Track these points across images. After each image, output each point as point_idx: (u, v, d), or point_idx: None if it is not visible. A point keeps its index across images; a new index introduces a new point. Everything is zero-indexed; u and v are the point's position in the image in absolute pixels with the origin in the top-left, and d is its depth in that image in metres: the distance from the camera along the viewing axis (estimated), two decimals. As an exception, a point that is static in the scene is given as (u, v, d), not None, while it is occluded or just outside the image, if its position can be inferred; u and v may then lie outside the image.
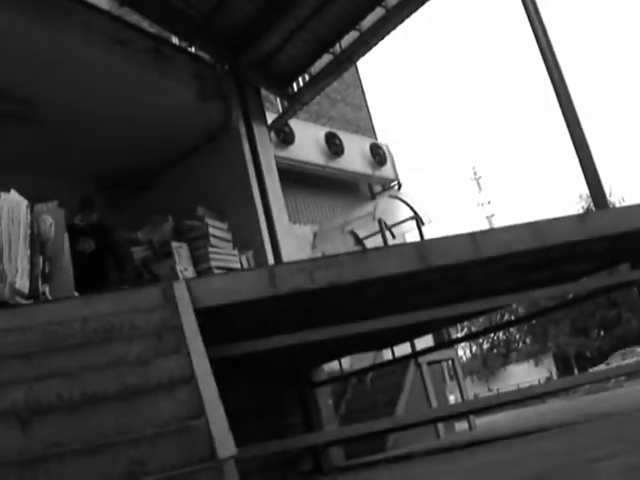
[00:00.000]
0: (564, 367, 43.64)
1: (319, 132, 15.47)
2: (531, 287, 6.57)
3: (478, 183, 63.21)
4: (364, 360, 12.59)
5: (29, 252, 5.65)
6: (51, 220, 5.98)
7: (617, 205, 33.35)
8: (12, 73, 8.19)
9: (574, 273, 7.27)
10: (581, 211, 36.28)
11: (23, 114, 8.96)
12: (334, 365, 12.29)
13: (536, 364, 46.78)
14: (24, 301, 5.49)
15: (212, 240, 9.72)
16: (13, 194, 5.78)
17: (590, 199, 7.02)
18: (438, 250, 4.74)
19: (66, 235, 6.33)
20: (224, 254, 9.76)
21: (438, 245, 4.82)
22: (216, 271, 9.39)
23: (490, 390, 45.49)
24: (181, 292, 4.27)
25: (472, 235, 4.83)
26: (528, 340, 48.60)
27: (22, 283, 5.49)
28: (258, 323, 5.35)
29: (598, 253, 6.12)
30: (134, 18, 10.35)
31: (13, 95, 8.62)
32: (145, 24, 10.70)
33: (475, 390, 42.71)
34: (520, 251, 4.93)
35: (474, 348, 50.87)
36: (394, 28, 10.34)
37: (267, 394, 8.47)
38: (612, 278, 7.25)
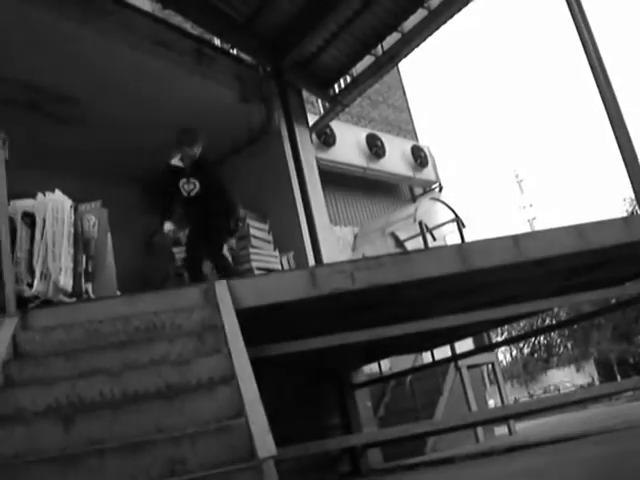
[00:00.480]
0: (606, 373, 43.02)
1: (360, 134, 15.46)
2: (573, 291, 6.49)
3: (520, 186, 62.75)
4: (404, 362, 12.54)
5: (72, 251, 5.73)
6: (95, 219, 6.05)
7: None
8: (59, 75, 8.32)
9: (617, 277, 7.17)
10: (625, 214, 35.73)
11: (69, 115, 9.08)
12: (373, 367, 12.27)
13: (577, 369, 46.21)
14: (67, 299, 5.56)
15: (253, 241, 9.77)
16: (57, 194, 5.86)
17: (635, 202, 6.92)
18: (480, 252, 4.70)
19: (109, 235, 6.40)
20: (265, 255, 9.81)
21: (480, 247, 4.78)
22: (257, 272, 9.43)
23: (531, 395, 45.08)
24: (222, 292, 4.29)
25: (514, 237, 4.79)
26: (569, 345, 47.98)
27: (66, 281, 5.56)
28: (298, 324, 5.35)
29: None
30: (177, 20, 10.44)
31: (61, 96, 8.74)
32: (187, 26, 10.80)
33: (515, 395, 42.35)
34: (563, 254, 4.87)
35: (514, 352, 50.35)
36: (437, 29, 10.30)
37: (307, 395, 8.48)
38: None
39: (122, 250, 10.18)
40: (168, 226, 7.02)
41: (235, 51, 11.17)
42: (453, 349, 11.54)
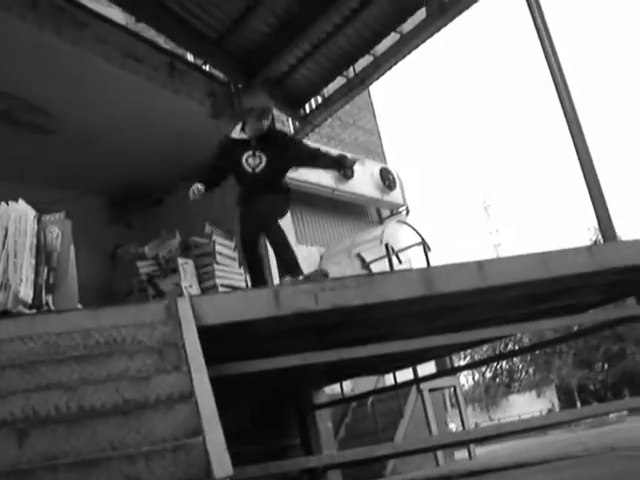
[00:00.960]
0: (566, 399, 43.34)
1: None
2: (537, 317, 6.53)
3: (486, 211, 63.17)
4: (366, 384, 12.54)
5: (34, 262, 5.65)
6: (58, 231, 5.98)
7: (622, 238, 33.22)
8: (30, 84, 8.27)
9: (580, 305, 7.24)
10: (589, 243, 36.15)
11: (38, 124, 9.02)
12: (335, 387, 12.24)
13: (538, 395, 46.49)
14: (27, 311, 5.48)
15: (218, 258, 9.71)
16: (20, 204, 5.79)
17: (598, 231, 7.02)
18: (444, 277, 4.71)
19: (72, 247, 6.32)
20: (230, 272, 9.75)
21: (444, 272, 4.79)
22: (221, 289, 9.37)
23: (491, 419, 45.24)
24: (184, 309, 4.26)
25: (479, 263, 4.81)
26: (531, 370, 48.31)
27: (26, 293, 5.49)
28: (261, 343, 5.32)
29: (605, 286, 6.09)
30: (150, 34, 10.42)
31: (31, 105, 8.68)
32: (160, 40, 10.78)
33: (476, 419, 42.48)
34: (526, 281, 4.90)
35: (477, 376, 50.58)
36: (408, 53, 10.38)
37: (267, 414, 8.43)
38: (617, 312, 7.21)
39: (86, 262, 10.09)
40: (199, 186, 6.46)
41: (208, 67, 11.17)
42: (415, 372, 11.56)
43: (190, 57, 11.59)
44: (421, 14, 10.12)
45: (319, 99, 11.98)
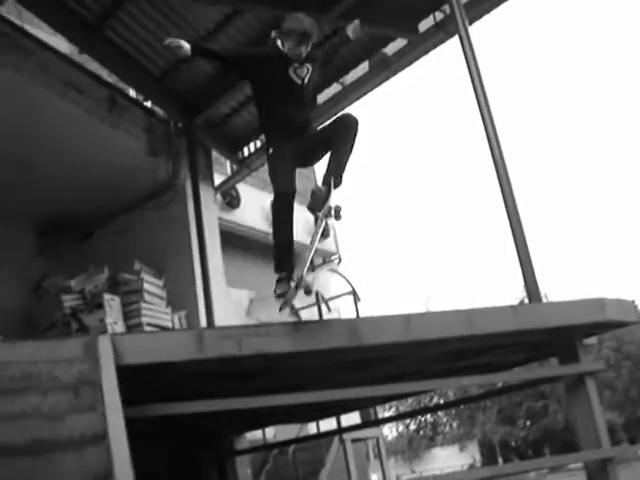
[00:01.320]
0: (489, 454, 43.63)
1: (266, 199, 15.47)
2: (462, 373, 6.57)
3: (421, 264, 63.79)
4: (289, 430, 12.42)
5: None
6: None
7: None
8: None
9: (505, 363, 7.32)
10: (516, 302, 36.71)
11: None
12: (258, 433, 12.10)
13: (461, 449, 46.69)
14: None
15: (146, 296, 9.59)
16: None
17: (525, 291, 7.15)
18: (370, 328, 4.72)
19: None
20: (157, 311, 9.63)
21: (371, 323, 4.80)
22: (147, 328, 9.25)
23: (413, 472, 45.19)
24: (105, 346, 4.15)
25: (406, 317, 4.83)
26: (455, 424, 48.57)
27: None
28: (182, 385, 5.24)
29: (528, 345, 6.17)
30: (93, 66, 10.35)
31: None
32: (104, 73, 10.71)
33: (399, 471, 42.40)
34: (452, 337, 4.94)
35: (400, 428, 50.62)
36: (350, 104, 10.54)
37: (185, 459, 8.27)
38: (540, 371, 7.32)
39: (9, 292, 9.90)
40: (184, 43, 5.29)
41: (149, 104, 11.14)
42: (339, 422, 11.51)
43: (132, 92, 11.54)
44: (364, 67, 10.32)
45: (258, 143, 12.01)
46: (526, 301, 7.08)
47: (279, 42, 5.41)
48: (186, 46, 5.27)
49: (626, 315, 5.10)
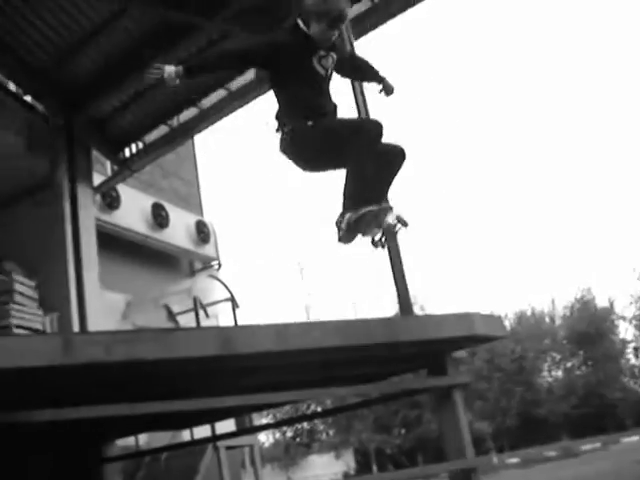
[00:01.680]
0: (364, 462, 44.22)
1: (146, 201, 15.24)
2: (338, 383, 6.62)
3: (301, 272, 63.88)
4: (162, 436, 12.24)
5: None
6: None
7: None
8: None
9: (381, 373, 7.42)
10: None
11: None
12: (130, 440, 11.87)
13: (337, 457, 47.10)
14: None
15: (16, 297, 9.27)
16: None
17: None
18: (243, 337, 4.69)
19: None
20: (27, 313, 9.32)
21: (243, 332, 4.77)
22: (16, 330, 8.93)
23: (289, 479, 45.31)
24: (-35, 350, 3.99)
25: (278, 326, 4.82)
26: (332, 432, 49.01)
27: None
28: (49, 391, 5.08)
29: (402, 357, 6.27)
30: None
31: None
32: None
33: (275, 478, 42.44)
34: (324, 347, 4.96)
35: (277, 435, 50.67)
36: (236, 109, 10.52)
37: (50, 467, 8.01)
38: (409, 383, 7.44)
39: None
40: (176, 68, 4.57)
41: (29, 99, 10.81)
42: (213, 429, 11.41)
43: (12, 86, 11.16)
44: (251, 74, 10.31)
45: (140, 145, 11.83)
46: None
47: (301, 24, 4.74)
48: (170, 70, 4.57)
49: (493, 330, 5.24)
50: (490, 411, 41.64)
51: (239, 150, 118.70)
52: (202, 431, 11.48)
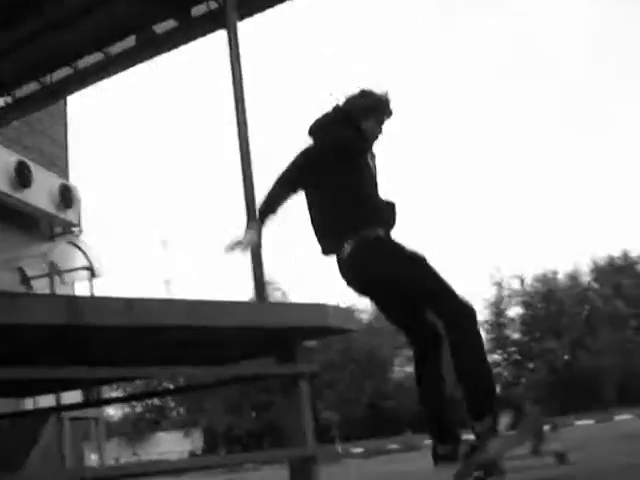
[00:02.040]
0: (212, 442, 44.24)
1: (9, 158, 14.59)
2: (187, 362, 6.54)
3: (164, 244, 62.55)
4: (2, 405, 11.82)
5: None
6: None
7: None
8: None
9: (232, 356, 7.41)
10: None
11: None
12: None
13: (185, 435, 46.95)
14: None
15: None
16: None
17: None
18: (91, 309, 4.54)
19: None
20: None
21: (92, 304, 4.62)
22: None
23: (135, 454, 44.80)
24: None
25: (128, 300, 4.70)
26: (182, 410, 48.81)
27: None
28: None
29: (252, 341, 6.28)
30: None
31: None
32: None
33: (121, 453, 41.84)
34: (174, 325, 4.88)
35: (127, 409, 49.98)
36: (112, 74, 10.25)
37: None
38: (256, 369, 7.46)
39: None
40: (251, 234, 4.24)
41: None
42: (58, 399, 11.10)
43: None
44: (131, 41, 10.05)
45: (9, 99, 11.34)
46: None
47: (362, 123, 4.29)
48: (252, 232, 4.17)
49: (345, 322, 5.29)
50: (338, 400, 42.41)
51: (119, 117, 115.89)
52: (46, 401, 11.17)
